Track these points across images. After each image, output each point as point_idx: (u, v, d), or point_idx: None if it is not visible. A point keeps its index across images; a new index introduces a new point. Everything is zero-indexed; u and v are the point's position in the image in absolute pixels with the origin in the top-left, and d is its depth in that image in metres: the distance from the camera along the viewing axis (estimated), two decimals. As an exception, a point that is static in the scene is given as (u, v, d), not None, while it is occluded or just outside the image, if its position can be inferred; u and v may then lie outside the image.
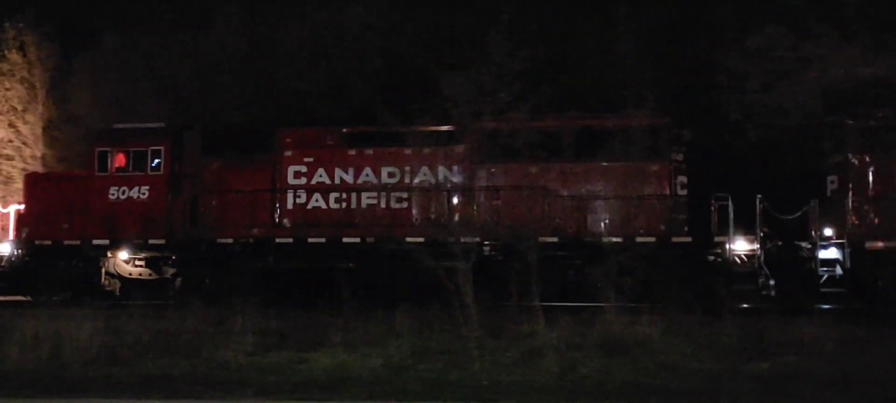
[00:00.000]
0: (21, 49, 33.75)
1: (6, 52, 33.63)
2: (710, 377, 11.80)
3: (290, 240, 21.73)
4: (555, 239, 20.24)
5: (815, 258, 20.14)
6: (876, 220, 19.97)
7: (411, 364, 12.70)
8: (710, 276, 19.30)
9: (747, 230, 20.25)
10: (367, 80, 30.27)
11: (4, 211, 24.28)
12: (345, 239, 21.49)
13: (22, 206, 23.87)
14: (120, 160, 22.90)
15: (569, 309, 16.73)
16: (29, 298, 22.64)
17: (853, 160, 20.15)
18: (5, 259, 23.25)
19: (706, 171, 21.12)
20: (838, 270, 20.06)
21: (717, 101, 25.48)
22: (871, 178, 20.04)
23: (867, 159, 20.06)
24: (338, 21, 31.99)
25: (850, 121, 20.43)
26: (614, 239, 18.88)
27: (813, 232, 20.34)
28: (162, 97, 31.43)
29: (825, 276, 20.07)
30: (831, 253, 20.16)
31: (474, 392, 10.94)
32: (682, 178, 20.67)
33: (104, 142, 23.19)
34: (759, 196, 19.96)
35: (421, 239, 19.97)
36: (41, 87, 33.90)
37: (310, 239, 21.61)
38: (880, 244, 19.74)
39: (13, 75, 33.53)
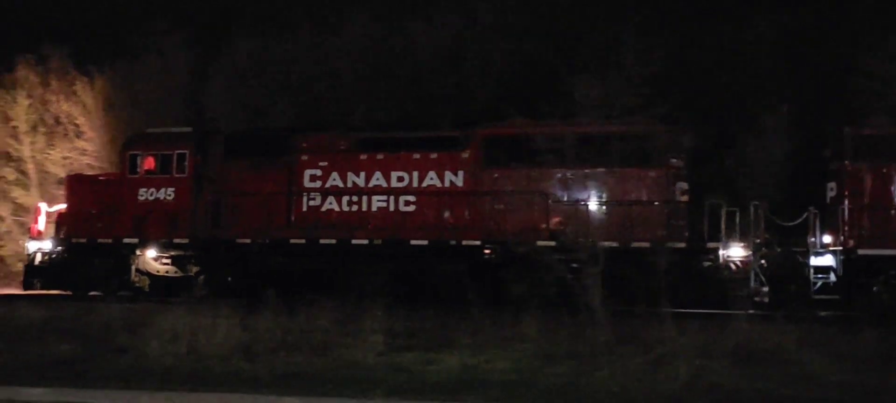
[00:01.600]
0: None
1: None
2: (851, 388, 11.39)
3: (303, 241, 22.44)
4: (552, 243, 20.03)
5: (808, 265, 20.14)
6: (869, 228, 19.88)
7: (539, 368, 12.64)
8: (700, 282, 19.52)
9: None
10: (494, 82, 30.32)
11: (51, 210, 25.62)
12: (366, 240, 22.08)
13: (64, 207, 25.17)
14: (149, 163, 24.10)
15: (697, 315, 16.45)
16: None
17: (849, 167, 20.06)
18: (46, 255, 24.59)
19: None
20: (832, 277, 19.95)
21: (857, 104, 24.67)
22: (866, 186, 19.97)
23: (863, 167, 19.96)
24: (467, 24, 32.14)
25: (847, 128, 20.26)
26: (610, 244, 18.84)
27: (809, 239, 20.29)
28: (294, 100, 32.10)
29: (819, 283, 19.95)
30: (827, 260, 20.09)
31: (605, 397, 10.82)
32: (682, 185, 20.69)
33: (135, 146, 24.56)
34: (756, 202, 19.99)
35: (425, 242, 21.36)
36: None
37: (321, 240, 22.32)
38: (873, 251, 19.60)
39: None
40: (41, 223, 25.26)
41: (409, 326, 15.84)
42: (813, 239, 20.20)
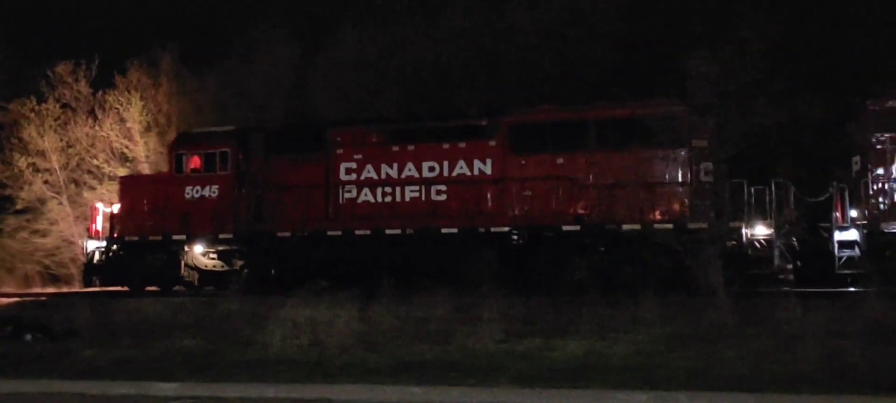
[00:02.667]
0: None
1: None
2: None
3: (339, 233, 23.25)
4: (577, 227, 21.11)
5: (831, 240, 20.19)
6: (893, 201, 19.76)
7: (663, 351, 12.40)
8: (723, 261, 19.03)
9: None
10: (599, 62, 29.92)
11: (108, 210, 26.87)
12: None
13: (118, 206, 26.35)
14: (194, 162, 25.26)
15: (825, 294, 15.98)
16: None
17: (873, 141, 19.96)
18: (103, 253, 25.83)
19: None
20: (857, 251, 19.97)
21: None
22: (889, 159, 19.83)
23: (886, 140, 19.83)
24: (570, 3, 31.79)
25: (870, 101, 20.19)
26: (633, 227, 20.05)
27: (834, 214, 20.37)
28: (399, 88, 32.23)
29: (844, 258, 19.99)
30: (851, 234, 20.13)
31: (735, 381, 10.52)
32: (707, 165, 20.54)
33: (181, 146, 25.88)
34: (779, 180, 20.05)
35: (455, 230, 22.19)
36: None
37: (357, 231, 23.11)
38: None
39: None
40: (99, 222, 26.47)
41: (526, 313, 15.75)
42: (837, 214, 20.32)
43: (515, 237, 21.80)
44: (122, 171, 34.41)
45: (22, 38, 42.08)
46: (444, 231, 22.42)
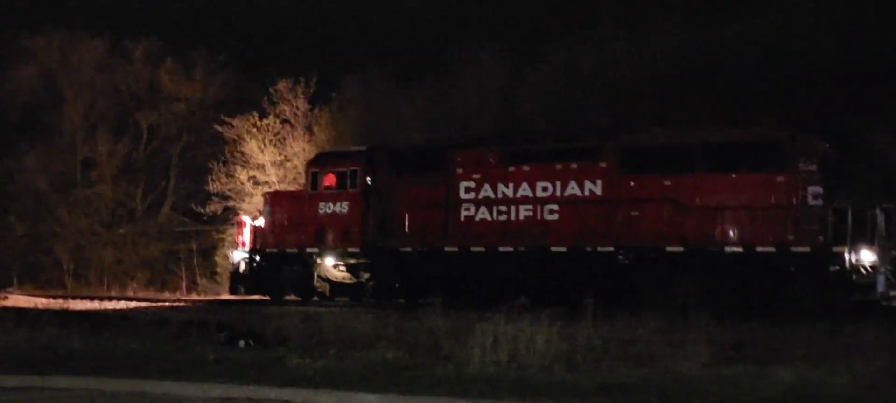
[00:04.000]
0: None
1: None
2: None
3: (456, 250, 24.38)
4: (680, 249, 21.51)
5: None
6: None
7: (887, 385, 11.55)
8: (826, 287, 19.62)
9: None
10: (818, 80, 28.57)
11: (253, 224, 28.66)
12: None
13: (262, 221, 28.19)
14: (328, 179, 26.73)
15: None
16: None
17: None
18: (246, 264, 27.75)
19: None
20: None
21: None
22: None
23: None
24: (784, 20, 30.54)
25: None
26: (736, 249, 20.51)
27: None
28: (607, 105, 31.89)
29: None
30: None
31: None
32: (815, 189, 20.67)
33: (316, 165, 27.57)
34: (883, 205, 19.83)
35: (564, 248, 22.85)
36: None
37: (472, 248, 24.20)
38: None
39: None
40: (245, 235, 28.28)
41: (737, 337, 15.11)
42: None
43: (621, 257, 22.33)
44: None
45: (245, 56, 44.38)
46: (553, 249, 23.10)
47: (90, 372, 13.52)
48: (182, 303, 28.62)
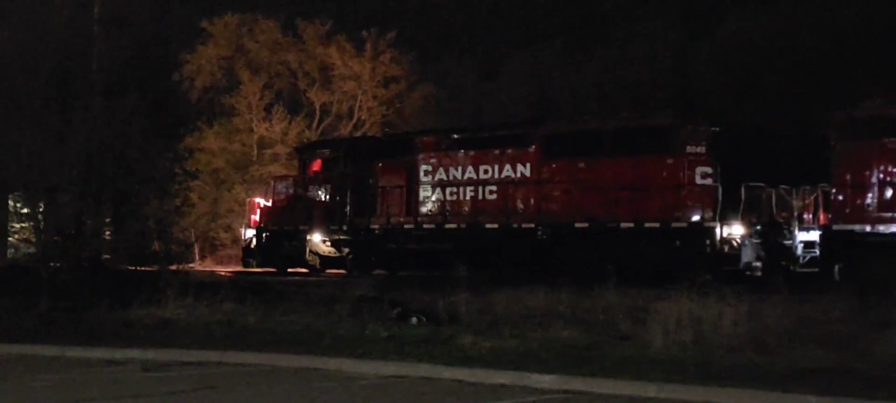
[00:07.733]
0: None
1: None
2: None
3: (412, 227, 27.39)
4: (586, 225, 23.94)
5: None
6: (847, 205, 20.50)
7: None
8: (703, 258, 21.44)
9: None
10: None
11: (263, 204, 32.37)
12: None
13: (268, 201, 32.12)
14: (315, 166, 30.85)
15: None
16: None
17: (836, 147, 20.74)
18: (255, 241, 31.60)
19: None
20: (816, 252, 21.60)
21: None
22: (848, 165, 20.46)
23: (847, 147, 20.45)
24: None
25: (837, 111, 21.31)
26: (628, 224, 23.14)
27: (805, 216, 22.27)
28: (783, 75, 30.57)
29: (807, 258, 21.87)
30: (812, 235, 21.90)
31: None
32: (704, 169, 22.33)
33: (304, 153, 32.28)
34: (748, 184, 21.67)
35: (496, 225, 25.52)
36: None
37: (424, 225, 27.16)
38: (845, 227, 20.36)
39: None
40: (258, 214, 31.95)
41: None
42: (808, 216, 22.22)
43: (540, 233, 24.75)
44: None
45: (414, 36, 44.50)
46: (487, 226, 25.70)
47: (266, 348, 13.66)
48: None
